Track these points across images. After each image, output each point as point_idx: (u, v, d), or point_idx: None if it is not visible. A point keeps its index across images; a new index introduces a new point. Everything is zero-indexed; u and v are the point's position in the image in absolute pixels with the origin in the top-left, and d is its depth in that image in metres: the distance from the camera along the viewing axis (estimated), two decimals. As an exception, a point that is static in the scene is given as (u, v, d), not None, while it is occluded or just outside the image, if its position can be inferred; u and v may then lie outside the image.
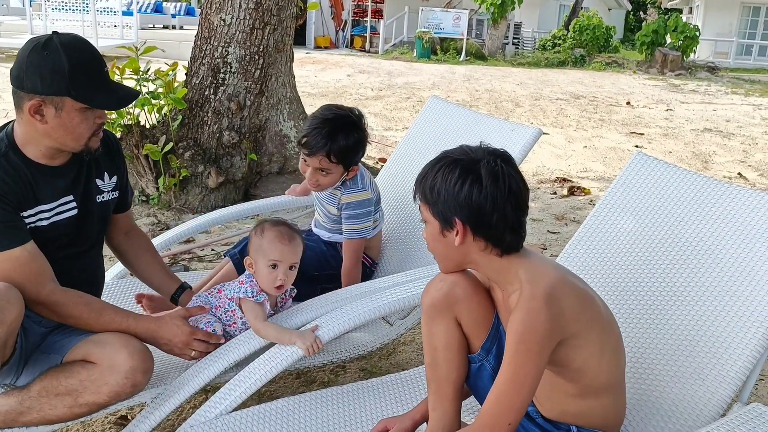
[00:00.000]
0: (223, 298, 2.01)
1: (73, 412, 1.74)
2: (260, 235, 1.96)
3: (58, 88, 1.65)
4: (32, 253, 1.73)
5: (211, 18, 4.66)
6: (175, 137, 4.52)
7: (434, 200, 1.42)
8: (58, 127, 1.70)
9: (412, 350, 2.83)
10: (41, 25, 14.58)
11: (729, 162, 7.26)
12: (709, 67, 18.97)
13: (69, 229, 1.85)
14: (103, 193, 1.95)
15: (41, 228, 1.78)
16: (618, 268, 2.00)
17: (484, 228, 1.40)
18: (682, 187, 2.02)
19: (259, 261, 1.95)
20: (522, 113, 9.99)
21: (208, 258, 3.77)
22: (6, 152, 1.73)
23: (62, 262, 1.83)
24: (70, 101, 1.68)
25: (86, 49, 1.72)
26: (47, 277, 1.75)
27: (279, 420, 1.76)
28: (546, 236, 4.42)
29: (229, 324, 2.01)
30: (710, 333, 1.73)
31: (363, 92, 11.30)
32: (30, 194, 1.75)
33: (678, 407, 1.68)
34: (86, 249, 1.95)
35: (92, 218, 1.91)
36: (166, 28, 18.16)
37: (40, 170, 1.77)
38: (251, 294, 1.94)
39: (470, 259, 1.47)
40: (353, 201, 2.40)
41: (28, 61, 1.65)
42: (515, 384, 1.35)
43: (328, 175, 2.32)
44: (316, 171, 2.31)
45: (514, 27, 22.81)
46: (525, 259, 1.45)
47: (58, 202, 1.81)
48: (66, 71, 1.65)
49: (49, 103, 1.67)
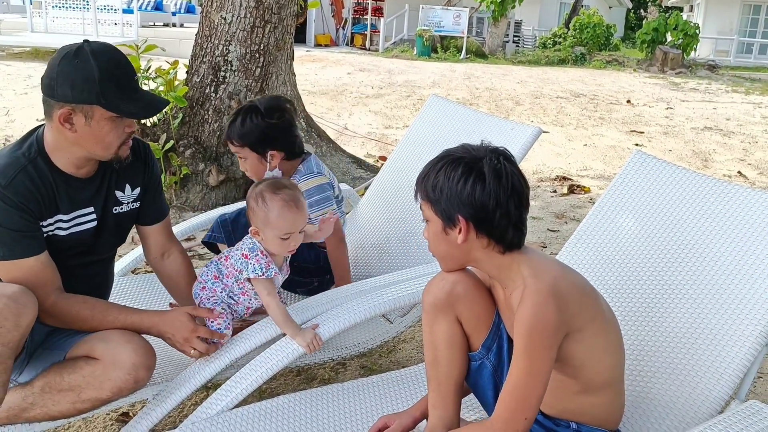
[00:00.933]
0: (230, 267, 1.95)
1: (75, 408, 1.75)
2: (263, 205, 1.86)
3: (88, 96, 1.65)
4: (44, 263, 1.73)
5: (212, 16, 4.67)
6: (175, 135, 4.53)
7: (437, 198, 1.43)
8: (88, 135, 1.70)
9: (412, 348, 2.84)
10: (41, 23, 14.59)
11: (729, 160, 7.26)
12: (710, 66, 18.97)
13: (85, 239, 1.85)
14: (122, 204, 1.93)
15: (58, 237, 1.78)
16: (617, 267, 2.01)
17: (487, 225, 1.41)
18: (681, 185, 2.03)
19: (267, 232, 1.88)
20: (522, 111, 9.99)
21: (208, 256, 3.77)
22: (35, 158, 1.73)
23: (73, 269, 1.84)
24: (100, 110, 1.67)
25: (117, 57, 1.71)
26: (54, 286, 1.76)
27: (280, 417, 1.77)
28: (546, 234, 4.43)
29: (242, 292, 1.97)
30: (708, 331, 1.74)
31: (363, 90, 11.30)
32: (52, 203, 1.75)
33: (676, 404, 1.69)
34: (100, 259, 1.95)
35: (109, 230, 1.91)
36: (167, 25, 18.16)
37: (65, 180, 1.77)
38: (261, 271, 1.89)
39: (472, 256, 1.47)
40: (310, 187, 2.43)
41: (59, 69, 1.65)
42: (529, 379, 1.36)
43: (245, 161, 2.42)
44: (239, 159, 2.45)
45: (514, 25, 22.79)
46: (526, 255, 1.46)
47: (78, 212, 1.81)
48: (96, 80, 1.64)
49: (79, 111, 1.66)
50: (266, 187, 1.89)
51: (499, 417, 1.39)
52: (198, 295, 1.99)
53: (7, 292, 1.59)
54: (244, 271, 1.90)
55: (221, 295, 1.97)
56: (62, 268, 1.79)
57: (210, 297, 1.97)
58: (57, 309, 1.75)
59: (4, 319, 1.55)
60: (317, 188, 2.43)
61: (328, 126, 7.34)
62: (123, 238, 2.00)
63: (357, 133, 7.69)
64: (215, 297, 1.97)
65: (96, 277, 1.96)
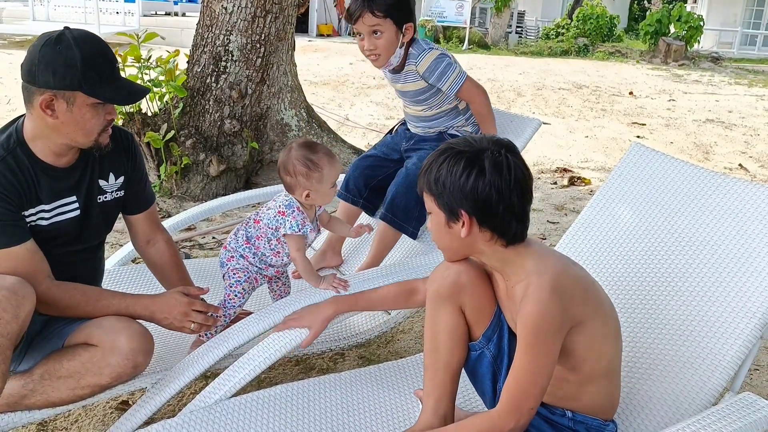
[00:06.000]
0: (263, 228, 2.04)
1: (75, 394, 1.77)
2: (314, 166, 1.95)
3: (70, 82, 1.65)
4: (31, 251, 1.74)
5: (213, 6, 4.66)
6: (176, 125, 4.53)
7: (439, 192, 1.43)
8: (69, 122, 1.70)
9: (410, 338, 2.85)
10: (43, 12, 14.57)
11: (730, 153, 7.25)
12: (713, 58, 18.89)
13: (70, 228, 1.86)
14: (106, 193, 1.94)
15: (40, 227, 1.79)
16: (614, 258, 2.02)
17: (490, 219, 1.41)
18: (679, 178, 2.04)
19: (321, 188, 1.98)
20: (524, 103, 9.97)
21: (209, 246, 3.79)
22: (14, 149, 1.73)
23: (62, 258, 1.85)
24: (82, 96, 1.68)
25: (98, 44, 1.72)
26: (44, 274, 1.77)
27: (278, 406, 1.78)
28: (546, 226, 4.44)
29: (274, 253, 2.06)
30: (704, 323, 1.75)
31: (365, 81, 11.28)
32: (32, 193, 1.76)
33: (671, 395, 1.70)
34: (88, 247, 1.96)
35: (94, 218, 1.91)
36: (169, 15, 18.10)
37: (45, 170, 1.77)
38: (298, 228, 1.98)
39: (476, 249, 1.48)
40: (430, 62, 2.42)
41: (40, 56, 1.65)
42: (534, 373, 1.38)
43: (381, 36, 2.35)
44: (370, 37, 2.36)
45: (517, 16, 22.72)
46: (529, 249, 1.46)
47: (59, 202, 1.82)
48: (78, 66, 1.65)
49: (60, 97, 1.67)
50: (304, 151, 1.96)
51: (503, 407, 1.40)
52: (225, 265, 2.08)
53: (5, 284, 1.60)
54: (282, 227, 1.99)
55: (253, 261, 2.07)
56: (49, 258, 1.79)
57: (237, 266, 2.07)
58: (49, 296, 1.76)
59: (3, 311, 1.56)
60: (437, 60, 2.43)
61: (329, 117, 7.33)
62: (110, 226, 2.01)
63: (358, 123, 7.68)
64: (245, 263, 2.07)
65: (85, 266, 1.97)
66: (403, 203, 2.46)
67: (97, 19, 13.22)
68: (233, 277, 2.08)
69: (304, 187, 1.97)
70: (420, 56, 2.42)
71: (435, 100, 2.53)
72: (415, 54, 2.43)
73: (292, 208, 1.99)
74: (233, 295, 2.08)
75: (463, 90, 2.47)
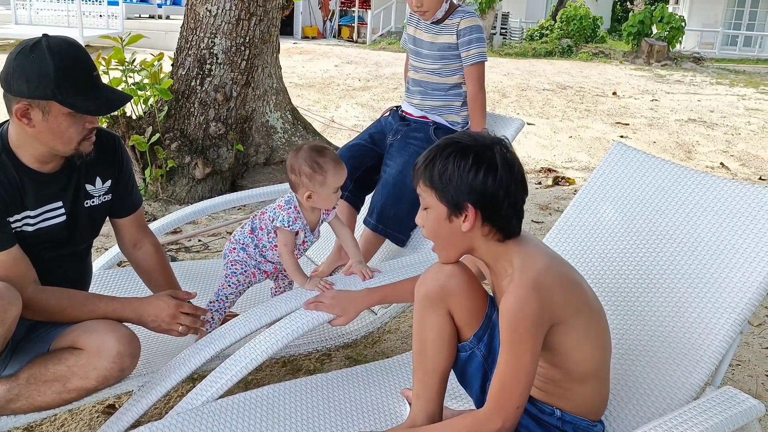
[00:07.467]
0: (265, 220, 2.11)
1: (62, 398, 1.76)
2: (320, 169, 1.99)
3: (44, 92, 1.63)
4: (16, 257, 1.73)
5: (197, 9, 4.66)
6: (161, 128, 4.52)
7: (444, 186, 1.42)
8: (46, 131, 1.68)
9: (396, 338, 2.86)
10: (26, 15, 14.45)
11: (712, 152, 7.33)
12: (695, 58, 19.06)
13: (57, 234, 1.85)
14: (93, 198, 1.92)
15: (26, 233, 1.78)
16: (597, 257, 2.04)
17: (494, 214, 1.42)
18: (660, 176, 2.06)
19: (323, 192, 2.02)
20: (508, 104, 10.02)
21: (195, 248, 3.78)
22: None
23: (50, 263, 1.85)
24: (57, 106, 1.65)
25: (75, 53, 1.69)
26: (30, 279, 1.76)
27: (265, 407, 1.78)
28: (530, 226, 4.47)
29: (272, 246, 2.12)
30: (685, 319, 1.78)
31: (350, 83, 11.28)
32: (17, 200, 1.74)
33: (654, 391, 1.73)
34: (75, 251, 1.95)
35: (81, 223, 1.90)
36: (153, 17, 18.01)
37: (30, 175, 1.76)
38: (287, 223, 2.03)
39: (472, 245, 1.48)
40: (473, 24, 2.59)
41: (15, 64, 1.63)
42: (514, 371, 1.39)
43: None
44: None
45: (501, 17, 22.79)
46: (520, 245, 1.47)
47: (45, 208, 1.80)
48: (52, 75, 1.62)
49: (35, 106, 1.64)
50: (312, 153, 2.01)
51: (490, 407, 1.41)
52: (226, 256, 2.17)
53: None
54: (276, 220, 2.06)
55: (253, 254, 2.14)
56: (36, 262, 1.79)
57: (237, 259, 2.14)
58: (35, 302, 1.75)
59: None
60: (478, 27, 2.60)
61: (314, 118, 7.33)
62: (97, 230, 2.00)
63: (343, 125, 7.69)
64: (244, 256, 2.14)
65: (73, 270, 1.96)
66: (393, 213, 2.50)
67: (80, 22, 13.13)
68: (230, 268, 2.16)
69: (307, 187, 2.01)
70: (469, 15, 2.61)
71: (450, 65, 2.64)
72: (465, 10, 2.62)
73: (290, 204, 2.06)
74: (227, 285, 2.16)
75: (475, 69, 2.61)
